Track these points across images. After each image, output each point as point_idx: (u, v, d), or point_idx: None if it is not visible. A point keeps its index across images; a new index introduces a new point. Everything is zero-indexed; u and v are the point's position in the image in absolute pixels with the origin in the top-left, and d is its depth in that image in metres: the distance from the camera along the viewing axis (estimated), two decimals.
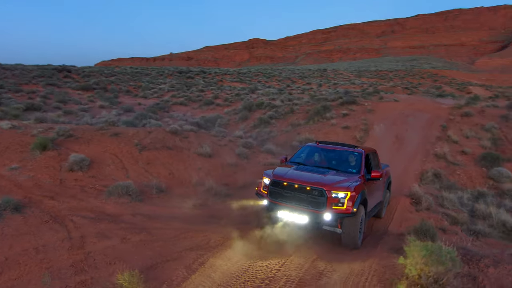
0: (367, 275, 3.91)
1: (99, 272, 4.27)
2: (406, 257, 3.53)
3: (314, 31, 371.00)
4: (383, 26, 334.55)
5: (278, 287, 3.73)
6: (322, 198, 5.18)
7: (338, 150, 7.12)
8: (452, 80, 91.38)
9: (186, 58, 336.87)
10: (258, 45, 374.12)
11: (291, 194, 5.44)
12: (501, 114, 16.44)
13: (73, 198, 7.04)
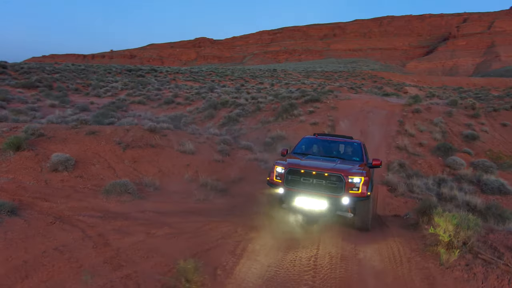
0: (397, 247, 4.39)
1: (139, 266, 4.22)
2: (435, 227, 4.06)
3: (260, 31, 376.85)
4: (326, 29, 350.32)
5: (326, 262, 4.03)
6: (341, 183, 5.50)
7: (339, 141, 7.63)
8: (389, 81, 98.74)
9: (129, 56, 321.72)
10: (205, 44, 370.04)
11: (309, 181, 5.62)
12: (445, 111, 18.48)
13: (68, 198, 6.65)
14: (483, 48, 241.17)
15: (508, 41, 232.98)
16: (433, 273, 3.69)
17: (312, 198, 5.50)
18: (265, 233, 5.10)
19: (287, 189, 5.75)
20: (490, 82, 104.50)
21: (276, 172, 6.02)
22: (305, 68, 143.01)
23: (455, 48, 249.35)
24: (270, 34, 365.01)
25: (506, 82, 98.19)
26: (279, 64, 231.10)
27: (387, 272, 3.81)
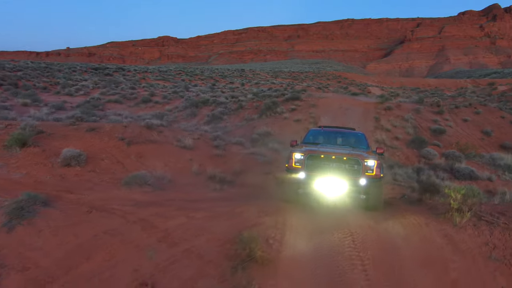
0: (413, 217, 5.17)
1: (194, 242, 4.67)
2: (445, 197, 4.90)
3: (225, 31, 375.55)
4: (290, 30, 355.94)
5: (359, 230, 4.71)
6: (358, 166, 6.12)
7: (344, 131, 8.40)
8: (353, 82, 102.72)
9: (87, 54, 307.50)
10: (169, 43, 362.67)
11: (329, 165, 6.14)
12: (413, 108, 20.12)
13: (92, 190, 6.85)
14: (435, 51, 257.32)
15: (456, 45, 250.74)
16: (449, 232, 4.51)
17: (332, 181, 6.03)
18: (295, 212, 5.71)
19: (308, 173, 6.21)
20: (443, 83, 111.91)
21: (295, 159, 6.44)
22: (272, 68, 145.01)
23: (410, 51, 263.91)
24: (235, 34, 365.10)
25: (457, 83, 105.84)
26: (245, 64, 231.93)
27: (411, 235, 4.58)
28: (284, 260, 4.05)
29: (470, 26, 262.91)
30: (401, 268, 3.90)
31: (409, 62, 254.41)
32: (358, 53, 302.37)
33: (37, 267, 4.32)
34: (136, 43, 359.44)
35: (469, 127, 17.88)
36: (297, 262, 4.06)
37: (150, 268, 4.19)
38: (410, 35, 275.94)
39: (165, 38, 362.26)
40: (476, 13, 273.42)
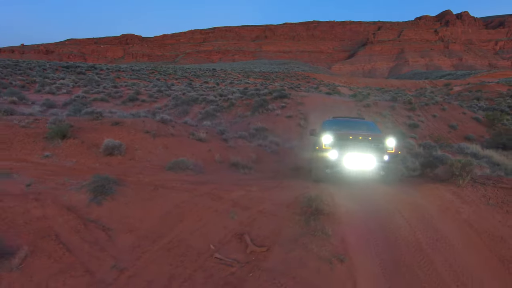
0: (423, 185, 6.65)
1: (261, 206, 5.82)
2: (450, 166, 6.42)
3: (192, 30, 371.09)
4: (257, 31, 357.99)
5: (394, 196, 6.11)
6: (382, 145, 7.21)
7: (357, 120, 9.78)
8: (321, 82, 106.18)
9: (45, 51, 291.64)
10: (134, 41, 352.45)
11: (356, 144, 7.17)
12: (389, 105, 22.25)
13: (143, 174, 7.73)
14: (394, 53, 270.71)
15: (414, 48, 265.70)
16: (455, 191, 6.03)
17: (361, 157, 7.02)
18: (330, 185, 7.00)
19: (339, 152, 7.19)
20: (404, 84, 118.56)
21: (325, 141, 7.40)
22: (242, 68, 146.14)
23: (372, 53, 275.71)
24: (202, 33, 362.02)
25: (416, 84, 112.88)
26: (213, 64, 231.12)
27: (428, 195, 6.04)
28: (342, 214, 5.33)
29: (426, 30, 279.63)
30: (427, 215, 5.31)
31: (371, 64, 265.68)
32: (323, 54, 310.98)
33: (142, 229, 5.28)
34: (98, 40, 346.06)
35: (438, 121, 20.21)
36: (351, 215, 5.35)
37: (236, 225, 5.31)
38: (372, 38, 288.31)
39: (129, 36, 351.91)
40: (431, 18, 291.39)
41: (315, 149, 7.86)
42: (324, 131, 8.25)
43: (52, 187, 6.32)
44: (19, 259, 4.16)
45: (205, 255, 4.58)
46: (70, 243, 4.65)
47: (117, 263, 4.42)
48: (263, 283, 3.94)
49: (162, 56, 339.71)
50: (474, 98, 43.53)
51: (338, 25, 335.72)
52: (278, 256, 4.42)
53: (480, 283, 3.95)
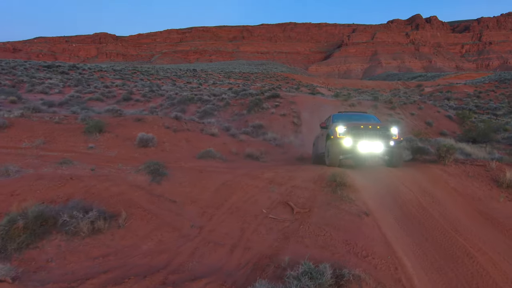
0: (418, 166, 8.30)
1: (293, 182, 7.20)
2: (438, 149, 8.09)
3: (169, 30, 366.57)
4: (234, 31, 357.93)
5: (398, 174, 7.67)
6: (388, 132, 8.48)
7: (362, 113, 11.16)
8: (300, 83, 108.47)
9: (11, 50, 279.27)
10: (108, 40, 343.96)
11: (367, 132, 8.40)
12: (372, 104, 24.23)
13: (181, 161, 8.95)
14: (368, 55, 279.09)
15: (387, 50, 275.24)
16: (443, 168, 7.70)
17: (371, 142, 8.24)
18: (344, 168, 8.48)
19: (354, 138, 8.36)
20: (378, 85, 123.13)
21: (338, 131, 8.55)
22: (222, 69, 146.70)
23: (347, 54, 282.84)
24: (179, 33, 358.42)
25: (390, 85, 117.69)
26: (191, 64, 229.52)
27: (423, 171, 7.67)
28: (359, 186, 6.81)
29: (398, 33, 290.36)
30: (424, 185, 6.92)
31: (346, 65, 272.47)
32: (300, 55, 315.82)
33: (202, 200, 6.55)
34: (70, 39, 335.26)
35: (416, 119, 22.37)
36: (366, 187, 6.86)
37: (277, 196, 6.69)
38: (347, 40, 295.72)
39: (102, 35, 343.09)
40: (402, 21, 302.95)
41: (330, 138, 8.85)
42: (337, 123, 9.14)
43: (113, 171, 7.46)
44: (122, 220, 5.36)
45: (260, 216, 5.93)
46: (151, 211, 5.87)
47: (194, 223, 5.68)
48: (312, 231, 5.35)
49: (137, 55, 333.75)
50: (445, 98, 46.86)
51: (314, 27, 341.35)
52: (318, 214, 5.84)
53: (466, 227, 5.54)
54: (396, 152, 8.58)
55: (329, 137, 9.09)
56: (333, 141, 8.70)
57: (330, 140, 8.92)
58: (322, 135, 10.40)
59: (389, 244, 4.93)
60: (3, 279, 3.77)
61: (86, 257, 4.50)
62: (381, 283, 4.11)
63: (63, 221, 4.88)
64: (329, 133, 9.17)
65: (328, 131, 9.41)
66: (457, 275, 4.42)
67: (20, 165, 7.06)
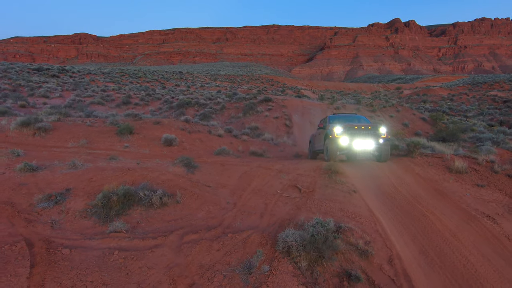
0: (395, 158, 10.54)
1: (298, 171, 9.29)
2: (408, 145, 10.33)
3: (151, 31, 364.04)
4: (218, 33, 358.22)
5: (381, 166, 9.85)
6: (378, 132, 10.12)
7: (353, 115, 12.71)
8: (285, 85, 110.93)
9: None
10: (88, 41, 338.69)
11: (360, 132, 10.03)
12: (355, 107, 26.68)
13: (202, 157, 10.88)
14: (350, 58, 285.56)
15: (368, 53, 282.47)
16: (411, 159, 9.97)
17: (364, 140, 9.93)
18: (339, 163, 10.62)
19: (349, 137, 10.01)
20: (360, 87, 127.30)
21: (336, 131, 10.13)
22: (206, 71, 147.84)
23: (329, 57, 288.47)
24: (161, 34, 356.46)
25: (371, 87, 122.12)
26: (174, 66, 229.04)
27: (397, 162, 9.93)
28: (348, 173, 8.97)
29: (378, 36, 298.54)
30: (396, 172, 9.16)
31: (329, 67, 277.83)
32: (283, 57, 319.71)
33: (230, 185, 8.53)
34: (48, 39, 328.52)
35: (394, 121, 24.94)
36: (354, 173, 9.02)
37: (287, 181, 8.75)
38: (329, 43, 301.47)
39: (82, 35, 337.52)
40: (382, 25, 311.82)
41: (328, 137, 10.38)
42: (334, 124, 10.69)
43: (153, 164, 9.35)
44: (179, 197, 7.29)
45: (277, 195, 7.98)
46: (195, 192, 7.81)
47: (229, 200, 7.67)
48: (317, 203, 7.44)
49: (119, 56, 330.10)
50: (422, 100, 50.24)
51: (297, 29, 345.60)
52: (319, 193, 7.95)
53: (424, 199, 7.76)
54: (384, 148, 10.12)
55: (327, 136, 10.60)
56: (331, 140, 10.19)
57: (328, 139, 10.43)
58: (319, 134, 12.03)
59: (370, 210, 7.09)
60: (119, 230, 5.67)
61: (162, 220, 6.43)
62: (365, 231, 6.25)
63: (139, 197, 6.79)
64: (327, 132, 10.66)
65: (326, 131, 10.89)
66: (416, 227, 6.61)
67: (80, 160, 8.85)
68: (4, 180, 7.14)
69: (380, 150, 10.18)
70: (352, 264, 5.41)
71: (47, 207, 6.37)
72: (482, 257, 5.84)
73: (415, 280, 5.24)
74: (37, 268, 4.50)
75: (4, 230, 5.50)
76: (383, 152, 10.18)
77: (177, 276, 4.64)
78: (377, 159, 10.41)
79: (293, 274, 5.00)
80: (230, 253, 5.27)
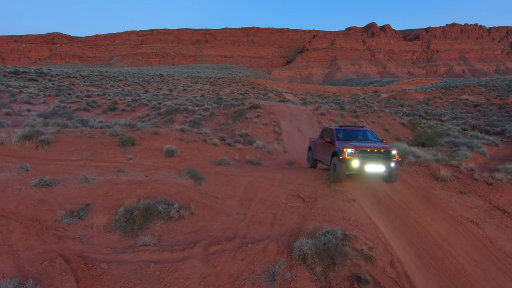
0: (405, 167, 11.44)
1: (298, 181, 9.94)
2: None
3: (129, 31, 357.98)
4: (197, 34, 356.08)
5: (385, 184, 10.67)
6: (390, 155, 9.50)
7: (360, 129, 11.82)
8: (266, 88, 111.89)
9: None
10: (62, 41, 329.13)
11: (372, 156, 9.47)
12: (339, 114, 27.76)
13: (204, 168, 11.34)
14: (328, 60, 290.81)
15: (345, 56, 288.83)
16: (401, 168, 10.85)
17: (376, 165, 9.39)
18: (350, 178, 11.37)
19: (361, 162, 9.45)
20: (339, 90, 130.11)
21: (347, 152, 9.52)
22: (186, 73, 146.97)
23: (308, 59, 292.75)
24: (139, 35, 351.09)
25: (350, 90, 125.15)
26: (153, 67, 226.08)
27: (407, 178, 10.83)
28: (346, 183, 9.72)
29: (355, 40, 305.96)
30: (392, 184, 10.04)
31: (308, 70, 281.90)
32: (263, 59, 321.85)
33: (236, 196, 9.06)
34: (19, 38, 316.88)
35: (376, 126, 26.15)
36: (351, 183, 9.78)
37: (290, 191, 9.39)
38: (308, 45, 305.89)
39: (56, 35, 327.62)
40: (359, 29, 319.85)
41: (337, 156, 9.88)
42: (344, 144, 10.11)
43: (160, 177, 9.75)
44: (193, 210, 7.76)
45: (283, 204, 8.60)
46: (206, 203, 8.31)
47: (239, 211, 8.22)
48: (320, 212, 8.11)
49: (95, 57, 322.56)
50: (399, 104, 52.33)
51: (276, 32, 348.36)
52: (321, 202, 8.63)
53: (417, 207, 8.60)
54: (394, 172, 9.75)
55: (336, 154, 10.09)
56: (342, 161, 9.72)
57: (337, 158, 9.91)
58: (323, 146, 11.51)
59: (369, 218, 7.83)
60: (148, 244, 6.11)
61: (182, 232, 6.90)
62: (368, 238, 6.96)
63: (158, 211, 7.23)
64: (336, 151, 10.09)
65: (334, 149, 10.25)
66: (411, 233, 7.40)
67: (91, 174, 9.15)
68: (23, 197, 7.38)
69: (390, 173, 9.80)
70: (360, 268, 6.09)
71: (72, 223, 6.71)
72: (469, 258, 6.68)
73: (415, 281, 5.98)
74: (82, 283, 4.91)
75: (38, 247, 5.83)
76: (393, 174, 9.80)
77: (211, 285, 5.16)
78: (386, 180, 10.05)
79: (311, 279, 5.62)
80: (254, 262, 5.83)
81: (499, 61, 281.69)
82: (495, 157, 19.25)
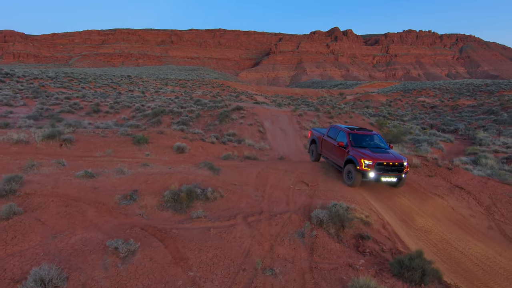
0: None
1: (299, 170, 11.85)
2: None
3: (89, 31, 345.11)
4: (162, 35, 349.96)
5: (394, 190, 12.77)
6: (403, 167, 10.24)
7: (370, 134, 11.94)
8: (236, 90, 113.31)
9: None
10: (15, 39, 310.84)
11: (388, 168, 10.18)
12: (315, 115, 30.19)
13: (216, 162, 12.93)
14: (294, 63, 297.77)
15: (311, 59, 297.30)
16: None
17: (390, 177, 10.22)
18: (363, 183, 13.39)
19: (377, 173, 10.19)
20: (306, 92, 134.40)
21: (364, 163, 10.21)
22: (154, 74, 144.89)
23: (275, 62, 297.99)
24: (100, 34, 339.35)
25: (316, 92, 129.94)
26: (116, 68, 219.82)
27: None
28: None
29: (320, 44, 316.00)
30: None
31: (275, 72, 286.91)
32: (230, 61, 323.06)
33: (251, 183, 10.78)
34: None
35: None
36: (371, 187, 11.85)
37: (294, 178, 11.26)
38: (274, 48, 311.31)
39: (8, 33, 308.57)
40: (323, 33, 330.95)
41: (353, 163, 10.57)
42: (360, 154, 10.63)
43: (183, 169, 11.26)
44: (222, 193, 9.40)
45: (291, 188, 10.45)
46: (229, 188, 9.97)
47: (256, 194, 9.95)
48: (323, 193, 10.05)
49: (52, 57, 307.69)
50: (365, 106, 56.23)
51: (243, 34, 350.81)
52: (323, 186, 10.60)
53: (402, 192, 10.81)
54: (404, 180, 10.61)
55: (351, 161, 10.78)
56: (359, 171, 10.41)
57: (353, 165, 10.62)
58: (333, 147, 12.02)
59: (363, 196, 9.91)
60: (200, 216, 7.69)
61: (219, 209, 8.53)
62: (364, 209, 9.00)
63: (197, 194, 8.80)
64: (351, 159, 10.75)
65: (348, 156, 10.91)
66: (394, 205, 9.54)
67: (123, 167, 10.46)
68: (78, 185, 8.65)
69: (400, 181, 10.59)
70: (361, 229, 8.08)
71: (129, 204, 8.12)
72: (438, 221, 8.92)
73: (402, 237, 8.07)
74: (165, 242, 6.43)
75: (113, 221, 7.23)
76: (402, 182, 10.66)
77: (260, 241, 6.88)
78: (394, 186, 10.82)
79: (328, 237, 7.51)
80: (285, 226, 7.63)
81: (450, 66, 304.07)
82: (451, 152, 22.42)
